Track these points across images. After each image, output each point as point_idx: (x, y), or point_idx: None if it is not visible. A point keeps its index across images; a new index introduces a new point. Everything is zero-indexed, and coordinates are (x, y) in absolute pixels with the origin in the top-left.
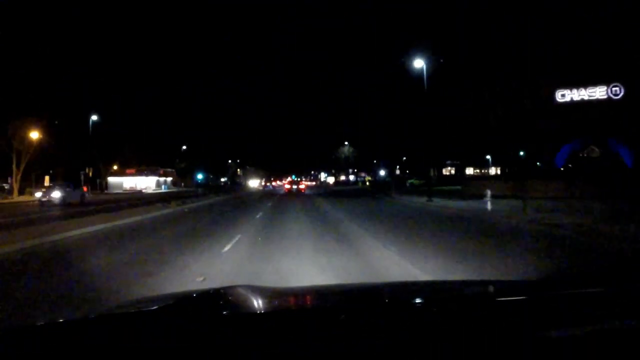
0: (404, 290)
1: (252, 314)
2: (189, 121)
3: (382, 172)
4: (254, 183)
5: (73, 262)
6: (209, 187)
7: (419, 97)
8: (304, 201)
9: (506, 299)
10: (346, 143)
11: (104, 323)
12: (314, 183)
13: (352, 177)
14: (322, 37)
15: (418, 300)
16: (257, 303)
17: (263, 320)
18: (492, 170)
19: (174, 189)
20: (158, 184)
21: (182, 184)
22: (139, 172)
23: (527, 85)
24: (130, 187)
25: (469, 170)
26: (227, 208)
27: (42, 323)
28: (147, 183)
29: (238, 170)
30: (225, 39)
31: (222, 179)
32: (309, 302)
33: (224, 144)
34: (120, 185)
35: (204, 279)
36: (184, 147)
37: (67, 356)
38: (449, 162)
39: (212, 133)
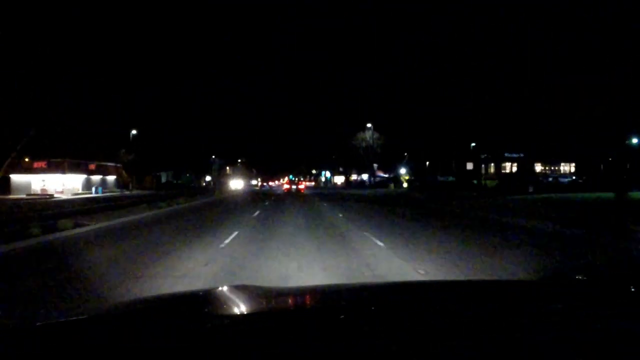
0: (404, 290)
1: (252, 314)
2: (188, 120)
3: (403, 170)
4: (237, 184)
5: None
6: (177, 188)
7: None
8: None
9: (506, 299)
10: (369, 125)
11: (102, 323)
12: (313, 183)
13: (364, 177)
14: (322, 37)
15: (418, 300)
16: (257, 303)
17: (262, 320)
18: (564, 167)
19: (117, 192)
20: (87, 185)
21: (130, 183)
22: (54, 167)
23: None
24: (42, 189)
25: (537, 167)
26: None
27: (40, 323)
28: (66, 183)
29: (227, 168)
30: (225, 39)
31: (208, 178)
32: (308, 302)
33: (223, 143)
34: (27, 187)
35: None
36: (134, 132)
37: (66, 356)
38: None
39: (212, 133)
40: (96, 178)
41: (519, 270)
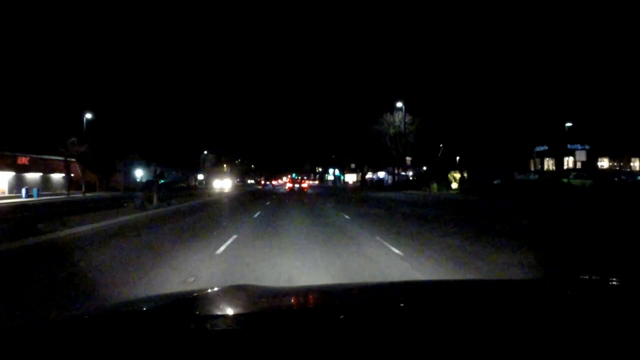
0: (405, 290)
1: (251, 314)
2: (188, 118)
3: (425, 164)
4: (224, 183)
5: None
6: (157, 189)
7: None
8: None
9: (505, 299)
10: (399, 105)
11: (101, 324)
12: (316, 182)
13: (382, 174)
14: (322, 35)
15: (418, 300)
16: (256, 303)
17: (262, 320)
18: (633, 163)
19: (62, 196)
20: (19, 185)
21: (85, 183)
22: None
23: None
24: None
25: (603, 162)
26: None
27: (39, 323)
28: None
29: (225, 166)
30: (224, 32)
31: (200, 176)
32: (308, 302)
33: (224, 142)
34: None
35: None
36: (89, 116)
37: (64, 357)
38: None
39: (213, 130)
40: (33, 176)
41: None
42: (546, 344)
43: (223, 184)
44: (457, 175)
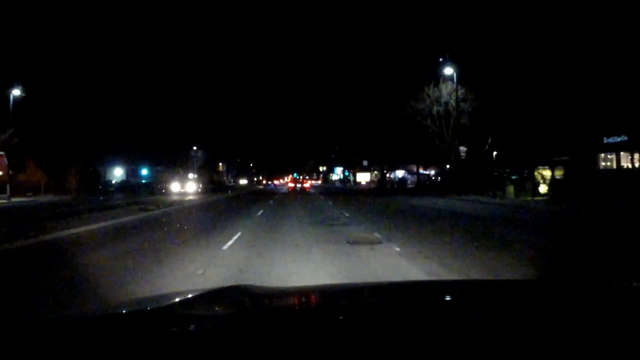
0: (404, 290)
1: (252, 314)
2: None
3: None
4: (186, 186)
5: None
6: (130, 192)
7: None
8: None
9: (506, 299)
10: (449, 72)
11: (99, 324)
12: (319, 182)
13: (400, 173)
14: (324, 32)
15: (418, 300)
16: (257, 302)
17: (262, 320)
18: None
19: None
20: None
21: (9, 184)
22: None
23: None
24: None
25: None
26: None
27: (37, 322)
28: None
29: (220, 165)
30: (225, 37)
31: (191, 176)
32: (307, 303)
33: (224, 140)
34: None
35: None
36: (17, 93)
37: (64, 356)
38: (608, 139)
39: (214, 129)
40: None
41: None
42: (544, 344)
43: (187, 187)
44: (547, 174)
